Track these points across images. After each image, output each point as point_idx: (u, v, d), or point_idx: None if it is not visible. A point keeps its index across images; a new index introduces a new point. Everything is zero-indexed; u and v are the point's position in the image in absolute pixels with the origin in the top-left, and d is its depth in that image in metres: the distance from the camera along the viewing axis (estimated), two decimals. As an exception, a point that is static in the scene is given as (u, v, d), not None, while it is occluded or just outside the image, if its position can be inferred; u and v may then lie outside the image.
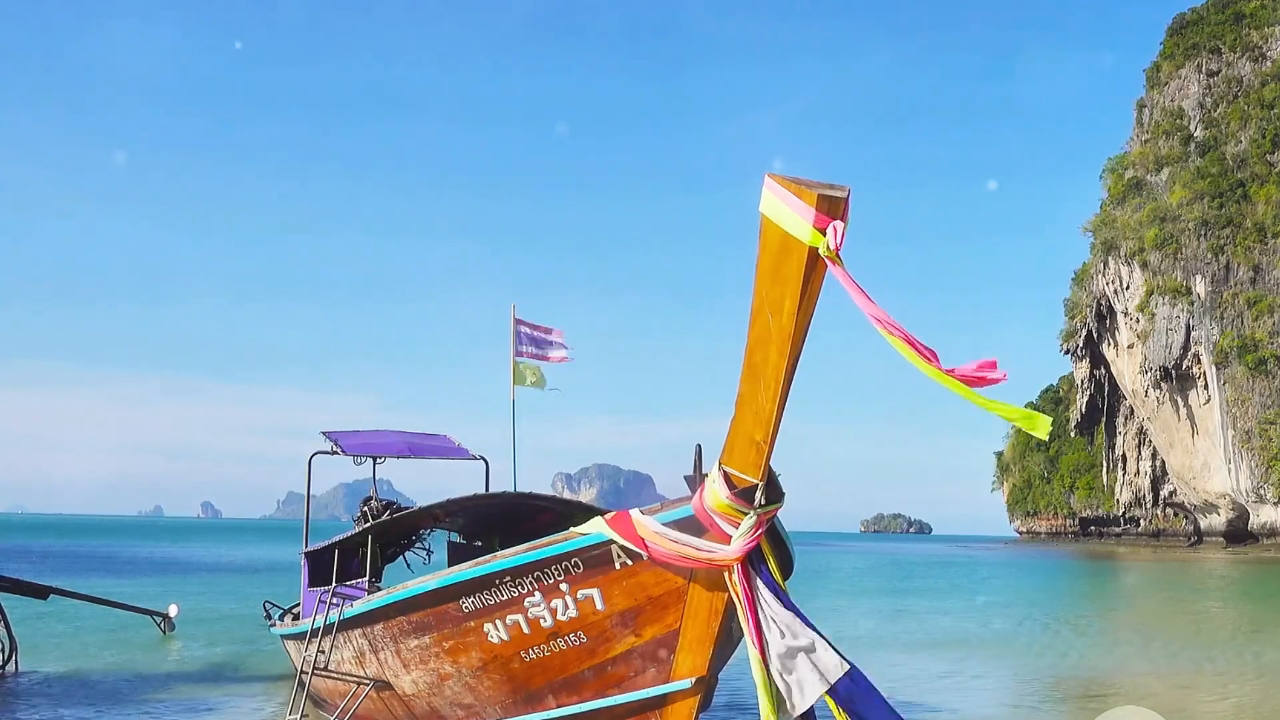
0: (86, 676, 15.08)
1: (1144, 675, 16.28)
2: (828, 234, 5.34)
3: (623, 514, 6.72)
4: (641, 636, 6.92)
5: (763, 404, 5.85)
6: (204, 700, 13.21)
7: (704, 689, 6.86)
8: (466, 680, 7.99)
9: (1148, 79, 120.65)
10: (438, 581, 7.90)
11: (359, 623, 9.19)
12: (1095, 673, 16.79)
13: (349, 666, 9.53)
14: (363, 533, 11.14)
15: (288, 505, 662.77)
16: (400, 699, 8.94)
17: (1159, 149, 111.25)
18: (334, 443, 13.47)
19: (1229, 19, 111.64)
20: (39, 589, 17.37)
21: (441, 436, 14.76)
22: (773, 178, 5.44)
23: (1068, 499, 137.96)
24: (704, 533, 6.30)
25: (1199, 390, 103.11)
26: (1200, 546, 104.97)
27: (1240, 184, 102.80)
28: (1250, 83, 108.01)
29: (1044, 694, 14.72)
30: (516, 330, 13.58)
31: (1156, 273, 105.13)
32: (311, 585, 12.30)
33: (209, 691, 13.87)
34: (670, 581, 6.69)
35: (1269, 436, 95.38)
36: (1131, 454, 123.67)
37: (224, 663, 16.83)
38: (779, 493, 6.25)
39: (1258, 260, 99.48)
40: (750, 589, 6.28)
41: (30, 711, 12.31)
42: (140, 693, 13.71)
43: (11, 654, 15.11)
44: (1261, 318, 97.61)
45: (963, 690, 14.74)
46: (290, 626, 13.21)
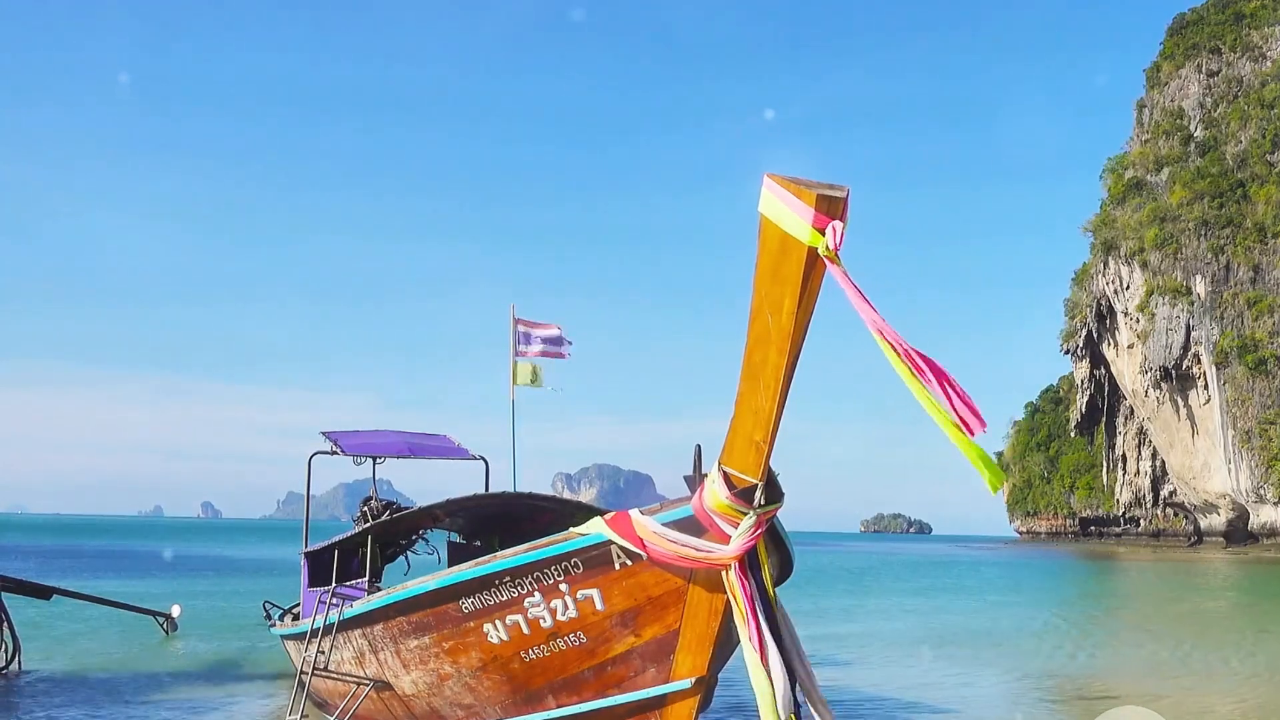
0: (88, 676, 15.10)
1: (1144, 675, 16.28)
2: (827, 234, 5.34)
3: (622, 514, 6.73)
4: (641, 637, 6.92)
5: (762, 404, 5.85)
6: (205, 700, 13.20)
7: (704, 689, 6.87)
8: (466, 680, 7.99)
9: (1148, 79, 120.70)
10: (437, 582, 7.90)
11: (359, 623, 9.18)
12: (1095, 673, 16.80)
13: (349, 667, 9.53)
14: (362, 533, 11.13)
15: (288, 505, 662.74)
16: (400, 699, 8.94)
17: (1159, 149, 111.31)
18: (334, 443, 13.45)
19: (1229, 19, 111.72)
20: (42, 589, 17.40)
21: (441, 436, 14.75)
22: (772, 178, 5.44)
23: (1068, 499, 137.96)
24: (703, 533, 6.31)
25: (1199, 390, 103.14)
26: (1200, 546, 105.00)
27: (1240, 184, 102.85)
28: (1250, 83, 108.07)
29: (1044, 694, 14.72)
30: (516, 330, 13.57)
31: (1156, 273, 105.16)
32: (311, 585, 12.30)
33: (210, 691, 13.87)
34: (670, 582, 6.69)
35: (1269, 436, 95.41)
36: (1131, 454, 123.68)
37: (224, 663, 16.83)
38: (778, 493, 6.25)
39: (1258, 260, 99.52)
40: (748, 589, 6.28)
41: (33, 711, 12.32)
42: (142, 692, 13.71)
43: (15, 654, 15.13)
44: (1261, 318, 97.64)
45: (963, 690, 14.74)
46: (290, 627, 13.20)
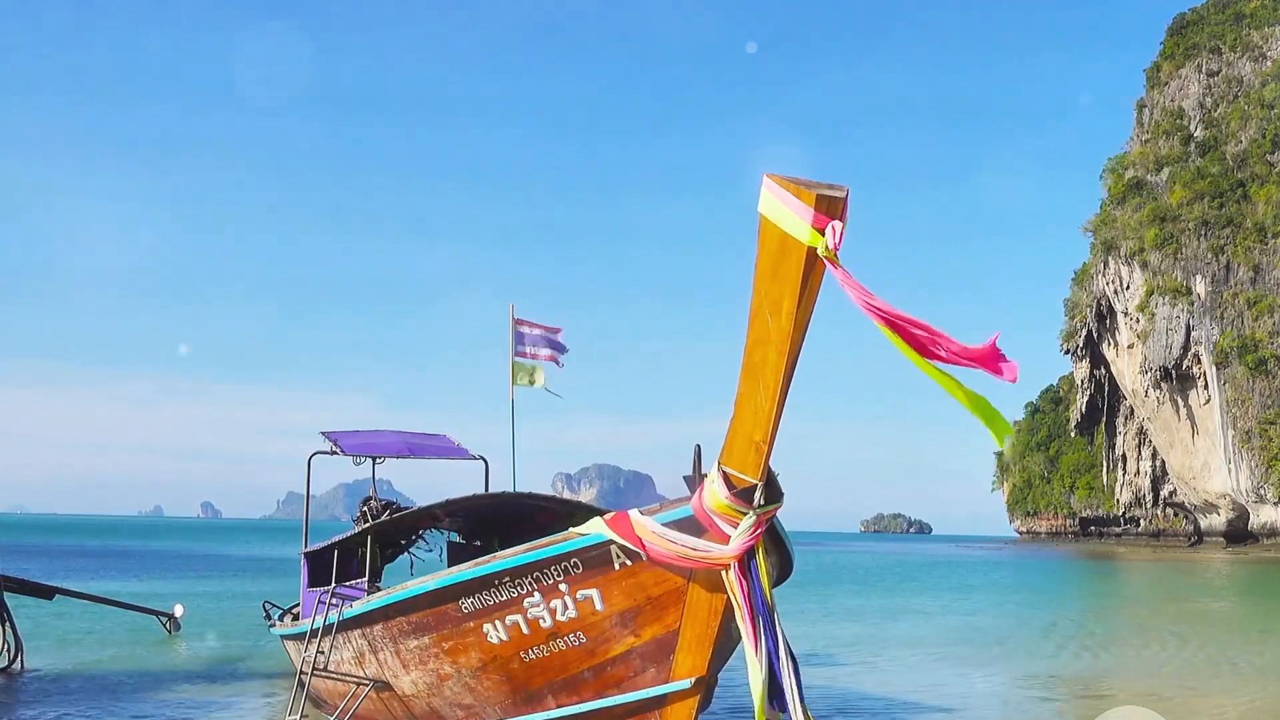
0: (90, 675, 15.10)
1: (1144, 675, 16.28)
2: (826, 234, 5.33)
3: (621, 514, 6.72)
4: (641, 637, 6.91)
5: (762, 404, 5.84)
6: (205, 699, 13.19)
7: (703, 689, 6.86)
8: (466, 681, 7.99)
9: (1148, 79, 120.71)
10: (437, 582, 7.89)
11: (358, 623, 9.18)
12: (1095, 673, 16.78)
13: (349, 667, 9.53)
14: (362, 533, 11.13)
15: (287, 505, 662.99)
16: (400, 699, 8.94)
17: (1159, 149, 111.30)
18: (333, 443, 13.44)
19: (1229, 19, 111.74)
20: (44, 589, 17.38)
21: (441, 436, 14.74)
22: (771, 178, 5.43)
23: (1068, 499, 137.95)
24: (703, 533, 6.30)
25: (1199, 390, 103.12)
26: (1200, 546, 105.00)
27: (1240, 184, 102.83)
28: (1250, 83, 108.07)
29: (1044, 694, 14.70)
30: (515, 330, 13.56)
31: (1156, 273, 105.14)
32: (311, 585, 12.31)
33: (209, 691, 13.86)
34: (670, 582, 6.68)
35: (1269, 436, 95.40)
36: (1131, 454, 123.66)
37: (224, 662, 16.82)
38: (778, 493, 6.24)
39: (1258, 260, 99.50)
40: (747, 588, 6.28)
41: (34, 710, 12.31)
42: (142, 692, 13.71)
43: (17, 653, 15.12)
44: (1261, 318, 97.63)
45: (963, 689, 14.74)
46: (290, 627, 13.20)
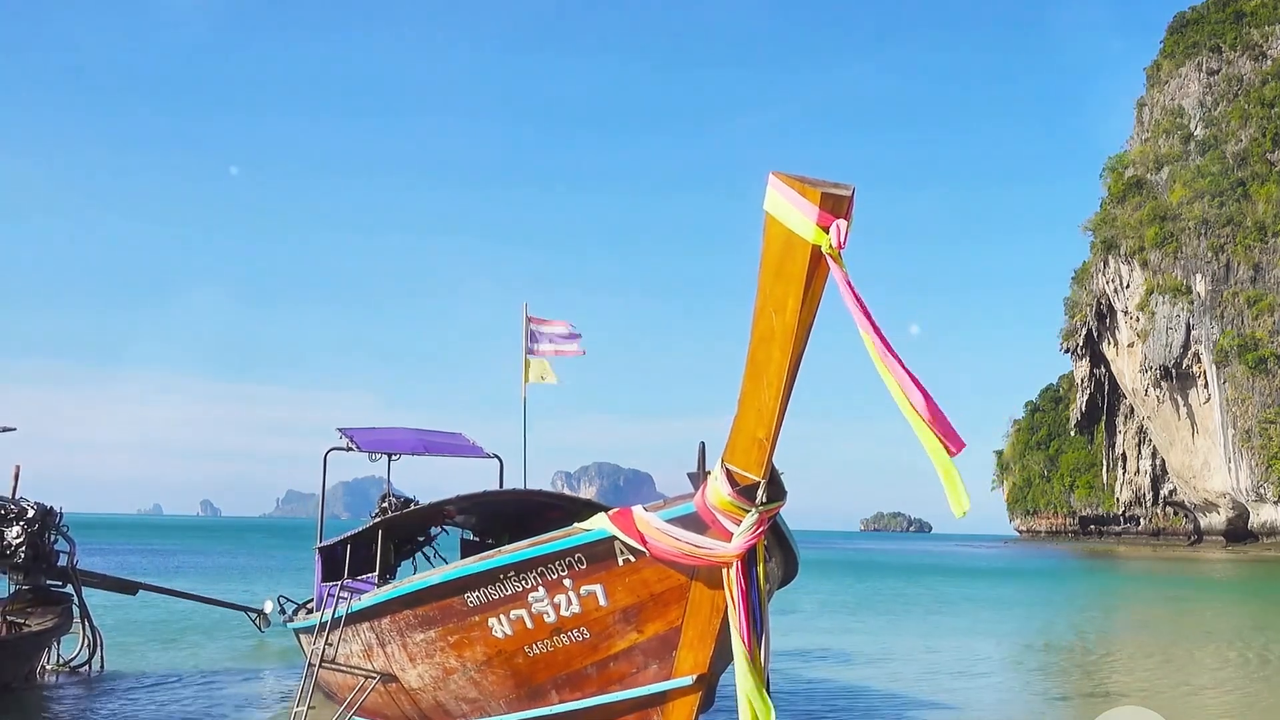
0: (155, 673, 14.89)
1: (1144, 675, 16.28)
2: (831, 232, 5.36)
3: (625, 510, 6.74)
4: (643, 633, 6.93)
5: (765, 402, 5.85)
6: (214, 692, 13.24)
7: (705, 687, 6.87)
8: (471, 675, 8.02)
9: (1148, 77, 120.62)
10: (442, 576, 7.94)
11: (367, 616, 9.23)
12: (1095, 673, 16.80)
13: (357, 660, 9.59)
14: (373, 527, 11.19)
15: (287, 504, 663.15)
16: (406, 692, 8.98)
17: (1159, 148, 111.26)
18: (349, 439, 13.49)
19: (1229, 18, 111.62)
20: (128, 584, 17.23)
21: (457, 434, 14.77)
22: (777, 175, 5.44)
23: (1068, 498, 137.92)
24: (706, 530, 6.31)
25: (1199, 389, 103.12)
26: (1200, 545, 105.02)
27: (1240, 183, 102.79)
28: (1250, 81, 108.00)
29: (1044, 694, 14.74)
30: (529, 329, 13.58)
31: (1156, 271, 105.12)
32: (325, 580, 12.41)
33: (221, 684, 13.90)
34: (673, 578, 6.70)
35: (1269, 436, 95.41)
36: (1131, 453, 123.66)
37: (237, 655, 16.93)
38: (781, 490, 6.25)
39: (1258, 259, 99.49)
40: (747, 587, 6.30)
41: (108, 706, 12.31)
42: (219, 689, 13.70)
43: (95, 650, 14.74)
44: (1261, 317, 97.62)
45: (963, 689, 14.75)
46: (304, 620, 13.31)
